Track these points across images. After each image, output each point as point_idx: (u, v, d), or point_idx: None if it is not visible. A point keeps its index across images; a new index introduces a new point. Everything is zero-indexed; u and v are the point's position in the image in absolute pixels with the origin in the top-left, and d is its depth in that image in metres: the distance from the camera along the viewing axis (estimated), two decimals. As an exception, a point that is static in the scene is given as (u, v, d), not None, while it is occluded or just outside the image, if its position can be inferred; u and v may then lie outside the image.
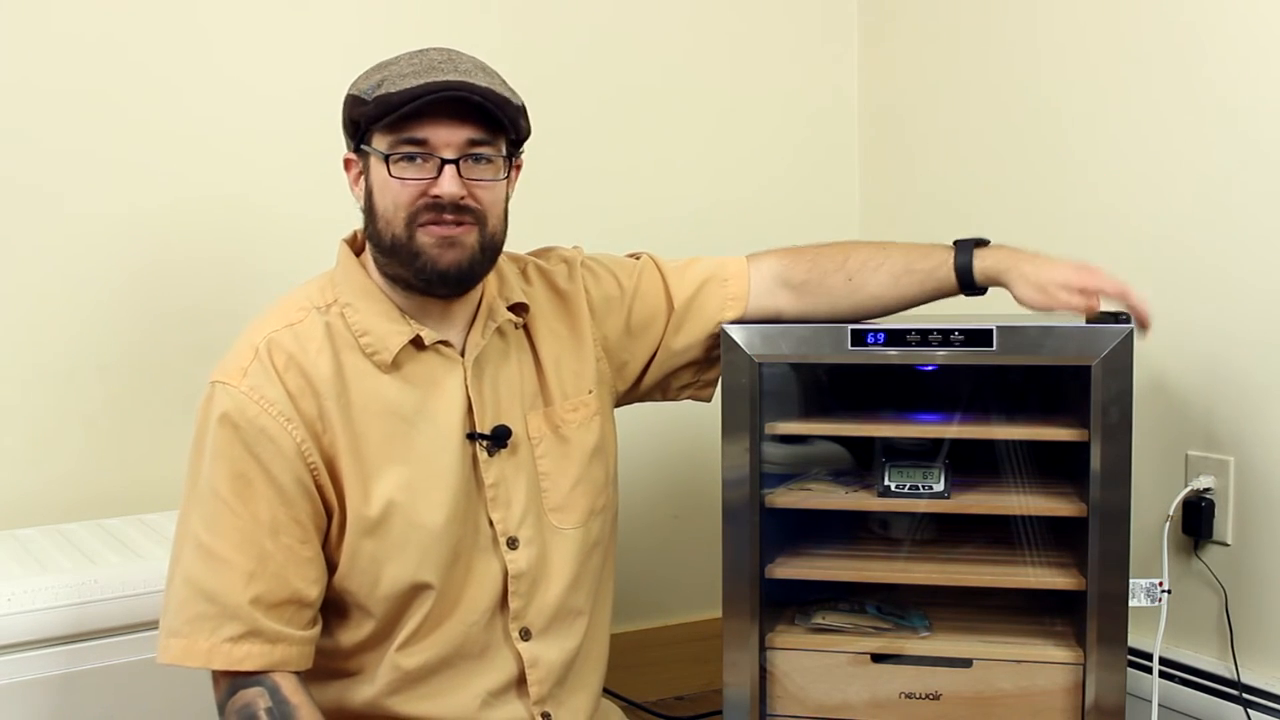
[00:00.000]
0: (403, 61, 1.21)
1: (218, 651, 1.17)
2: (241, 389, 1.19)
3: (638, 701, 2.09)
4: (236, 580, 1.17)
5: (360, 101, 1.20)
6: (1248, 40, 1.66)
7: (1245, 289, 1.68)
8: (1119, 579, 1.39)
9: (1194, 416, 1.75)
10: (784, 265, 1.46)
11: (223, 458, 1.19)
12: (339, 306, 1.25)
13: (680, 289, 1.45)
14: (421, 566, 1.24)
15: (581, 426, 1.36)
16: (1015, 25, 2.06)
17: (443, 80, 1.18)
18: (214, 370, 1.23)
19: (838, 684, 1.52)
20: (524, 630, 1.30)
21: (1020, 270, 1.37)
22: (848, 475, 1.63)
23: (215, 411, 1.19)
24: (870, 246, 1.46)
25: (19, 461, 1.76)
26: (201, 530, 1.19)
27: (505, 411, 1.31)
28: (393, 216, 1.21)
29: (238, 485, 1.18)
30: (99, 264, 1.80)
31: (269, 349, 1.21)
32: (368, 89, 1.20)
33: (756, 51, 2.32)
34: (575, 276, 1.40)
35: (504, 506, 1.29)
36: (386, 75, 1.20)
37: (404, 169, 1.20)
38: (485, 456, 1.28)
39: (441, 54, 1.22)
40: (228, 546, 1.18)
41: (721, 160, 2.29)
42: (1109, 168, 1.88)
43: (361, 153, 1.24)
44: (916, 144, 2.29)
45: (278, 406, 1.19)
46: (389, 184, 1.20)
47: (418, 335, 1.25)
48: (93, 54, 1.78)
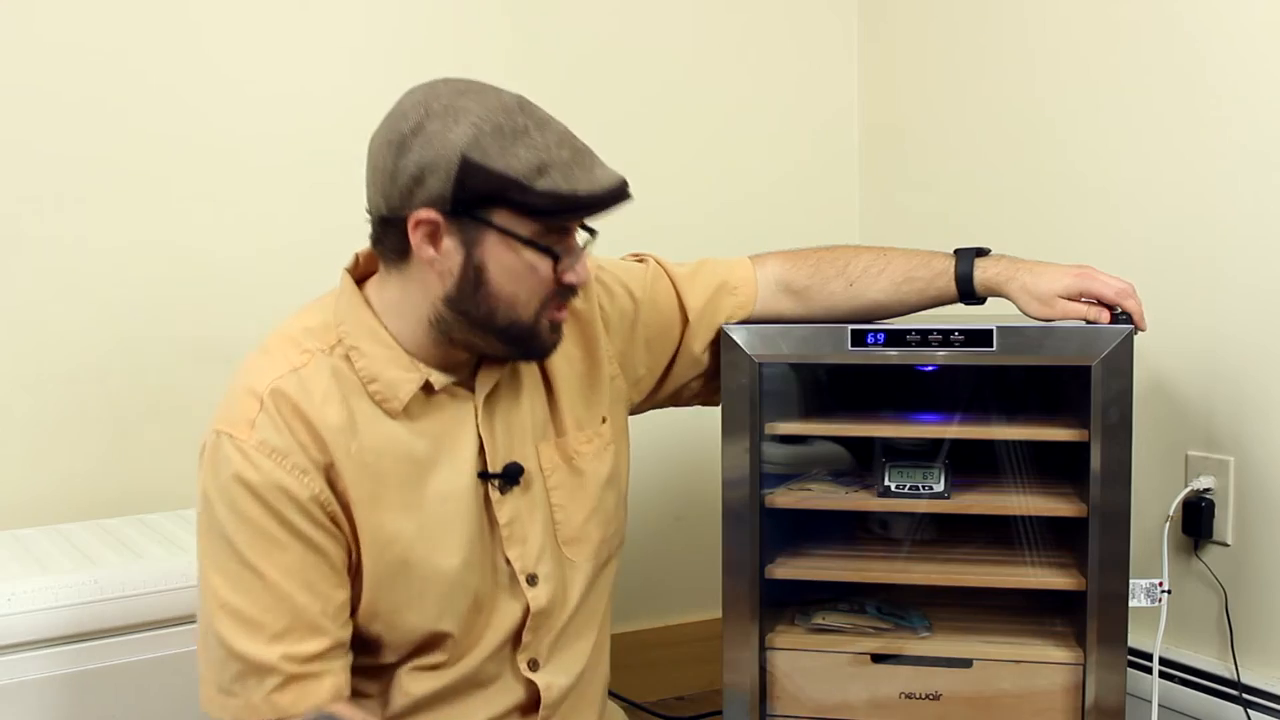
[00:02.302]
0: (536, 133, 1.12)
1: (268, 703, 1.14)
2: (251, 443, 1.14)
3: (638, 701, 2.09)
4: (271, 641, 1.14)
5: (517, 185, 1.10)
6: (1244, 44, 1.66)
7: (1245, 290, 1.68)
8: (1119, 579, 1.39)
9: (1194, 416, 1.75)
10: (787, 270, 1.46)
11: (242, 519, 1.14)
12: (344, 348, 1.19)
13: (692, 298, 1.43)
14: (441, 616, 1.22)
15: (595, 457, 1.33)
16: (1013, 37, 2.06)
17: (618, 183, 1.15)
18: (215, 418, 1.17)
19: (838, 684, 1.52)
20: (532, 661, 1.29)
21: (1021, 281, 1.38)
22: (848, 475, 1.63)
23: (226, 470, 1.14)
24: (871, 252, 1.46)
25: (19, 462, 1.76)
26: (229, 594, 1.15)
27: (517, 447, 1.27)
28: (523, 302, 1.16)
29: (262, 545, 1.14)
30: (99, 264, 1.80)
31: (274, 398, 1.15)
32: (524, 172, 1.10)
33: (757, 62, 2.32)
34: (590, 295, 1.35)
35: (520, 544, 1.26)
36: (547, 160, 1.11)
37: (546, 256, 1.15)
38: (498, 495, 1.25)
39: (566, 131, 1.15)
40: (258, 609, 1.14)
41: (723, 170, 2.30)
42: (1107, 174, 1.88)
43: (473, 221, 1.13)
44: (916, 154, 2.29)
45: (291, 459, 1.14)
46: (528, 271, 1.15)
47: (428, 381, 1.21)
48: (93, 60, 1.78)
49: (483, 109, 1.11)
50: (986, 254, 1.43)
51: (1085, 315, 1.37)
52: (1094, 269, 1.39)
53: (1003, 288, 1.40)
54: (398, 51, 1.99)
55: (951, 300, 1.43)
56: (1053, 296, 1.37)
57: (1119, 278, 1.38)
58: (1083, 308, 1.37)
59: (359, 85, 1.94)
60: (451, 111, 1.11)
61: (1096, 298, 1.37)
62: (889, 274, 1.43)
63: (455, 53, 2.02)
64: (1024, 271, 1.39)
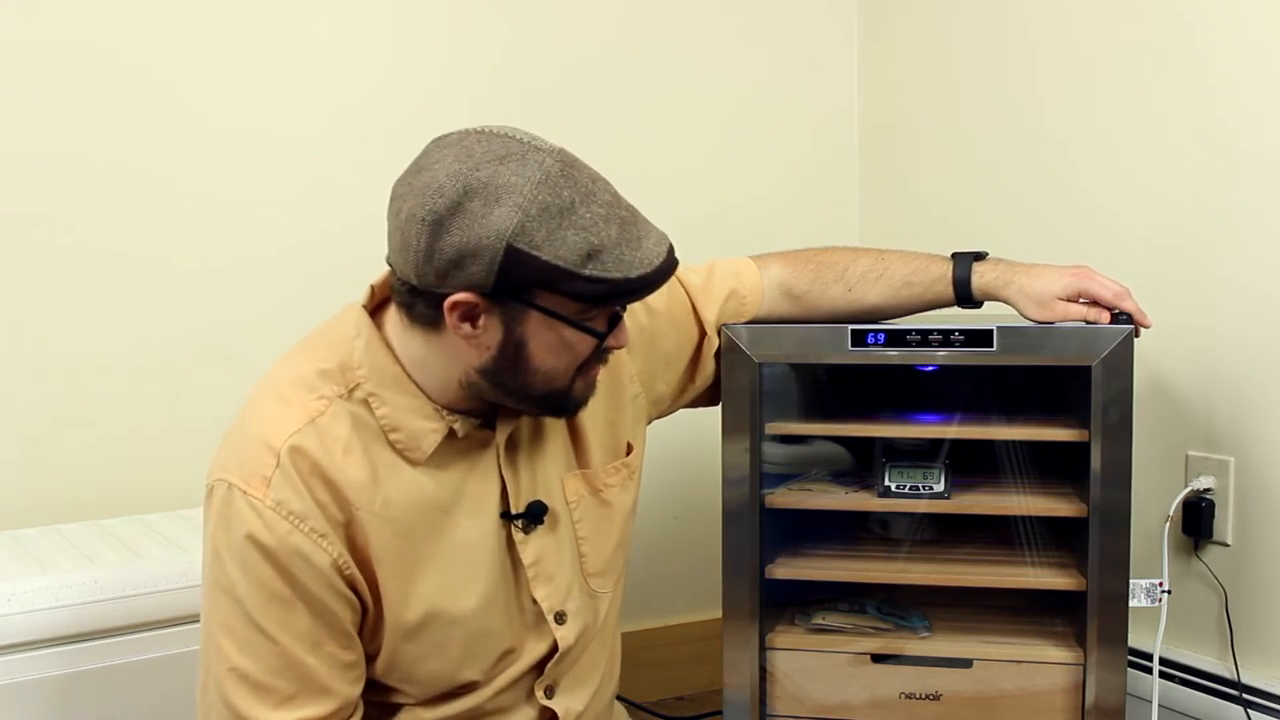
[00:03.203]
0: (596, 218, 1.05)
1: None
2: (267, 504, 1.08)
3: (638, 701, 2.09)
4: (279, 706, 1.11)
5: (569, 275, 1.03)
6: (1244, 44, 1.66)
7: (1245, 290, 1.68)
8: (1119, 579, 1.39)
9: (1194, 416, 1.75)
10: (788, 275, 1.46)
11: (255, 582, 1.09)
12: (363, 393, 1.13)
13: (708, 311, 1.42)
14: (464, 665, 1.20)
15: (622, 489, 1.31)
16: (1013, 37, 2.06)
17: (665, 258, 1.09)
18: (225, 465, 1.12)
19: (838, 684, 1.52)
20: (548, 688, 1.27)
21: (1018, 285, 1.39)
22: (848, 475, 1.63)
23: (239, 529, 1.09)
24: (870, 256, 1.46)
25: (19, 462, 1.76)
26: (238, 657, 1.11)
27: (541, 484, 1.23)
28: (562, 373, 1.12)
29: (273, 609, 1.10)
30: (99, 265, 1.80)
31: (292, 456, 1.09)
32: (573, 260, 1.03)
33: (757, 63, 2.32)
34: None
35: (547, 582, 1.23)
36: (596, 244, 1.04)
37: (590, 336, 1.11)
38: (521, 536, 1.21)
39: (611, 196, 1.08)
40: (267, 674, 1.11)
41: (722, 170, 2.29)
42: (1107, 175, 1.88)
43: (513, 302, 1.06)
44: (916, 154, 2.29)
45: (310, 523, 1.09)
46: (569, 345, 1.10)
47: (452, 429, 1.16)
48: (92, 62, 1.78)
49: (526, 184, 1.03)
50: (984, 257, 1.43)
51: (1084, 316, 1.37)
52: (1091, 270, 1.39)
53: (1000, 292, 1.40)
54: (397, 52, 1.99)
55: (949, 304, 1.44)
56: (1051, 299, 1.37)
57: (1116, 280, 1.38)
58: (1081, 309, 1.37)
59: (359, 87, 1.94)
60: (493, 190, 1.02)
61: (1094, 299, 1.38)
62: (887, 279, 1.43)
63: (455, 55, 2.02)
64: (1021, 275, 1.39)
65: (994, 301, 1.43)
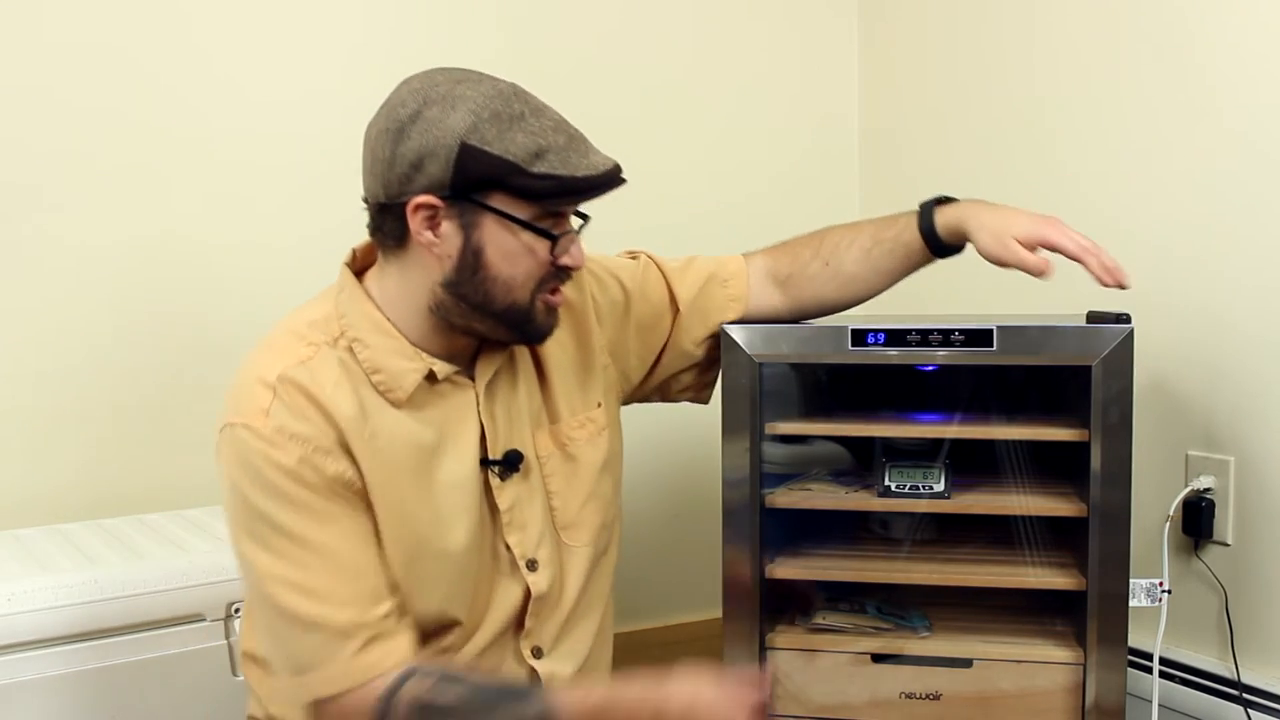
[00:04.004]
0: (531, 119, 1.14)
1: (353, 666, 1.14)
2: (268, 432, 1.14)
3: (638, 701, 2.09)
4: (343, 605, 1.14)
5: (515, 169, 1.12)
6: (1246, 43, 1.66)
7: (1245, 290, 1.68)
8: (1119, 579, 1.39)
9: (1194, 416, 1.75)
10: (771, 262, 1.47)
11: (284, 499, 1.14)
12: (347, 340, 1.20)
13: (683, 290, 1.44)
14: (449, 601, 1.23)
15: (589, 443, 1.34)
16: (1013, 36, 2.06)
17: (613, 167, 1.17)
18: (225, 411, 1.17)
19: (838, 684, 1.52)
20: (535, 649, 1.30)
21: (980, 219, 1.35)
22: (848, 475, 1.63)
23: (254, 457, 1.14)
24: (842, 228, 1.46)
25: (20, 462, 1.76)
26: (290, 572, 1.14)
27: (516, 435, 1.28)
28: (520, 285, 1.17)
29: (307, 520, 1.14)
30: (99, 265, 1.80)
31: (285, 386, 1.15)
32: (521, 156, 1.12)
33: (757, 62, 2.32)
34: (582, 285, 1.37)
35: (520, 530, 1.27)
36: (542, 145, 1.13)
37: (541, 238, 1.16)
38: (498, 482, 1.26)
39: (561, 117, 1.17)
40: (324, 579, 1.14)
41: (722, 167, 2.30)
42: (1107, 173, 1.88)
43: (471, 205, 1.14)
44: (916, 150, 2.29)
45: (313, 443, 1.15)
46: (524, 253, 1.16)
47: (431, 370, 1.22)
48: (90, 58, 1.78)
49: (480, 95, 1.13)
50: (950, 201, 1.41)
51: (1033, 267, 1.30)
52: (1060, 221, 1.34)
53: (962, 224, 1.37)
54: (394, 50, 1.99)
55: (924, 255, 1.40)
56: (1008, 236, 1.32)
57: (1086, 235, 1.32)
58: (1032, 258, 1.31)
59: (356, 83, 1.93)
60: (449, 99, 1.13)
61: (1055, 248, 1.32)
62: (859, 242, 1.43)
63: (452, 50, 1.98)
64: (985, 210, 1.36)
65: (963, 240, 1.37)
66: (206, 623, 1.48)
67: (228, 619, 1.49)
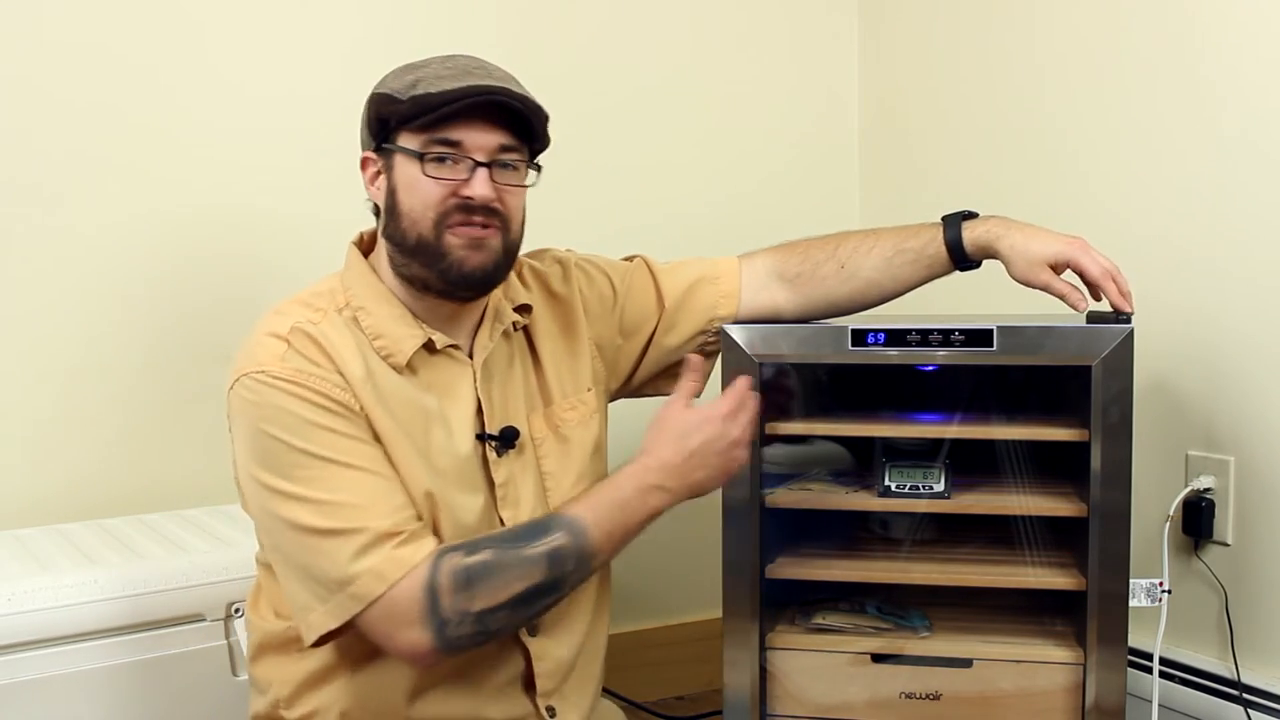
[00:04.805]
0: (435, 65, 1.21)
1: (394, 560, 1.15)
2: (287, 372, 1.17)
3: (638, 701, 2.09)
4: (378, 516, 1.16)
5: (392, 100, 1.20)
6: (1248, 43, 1.66)
7: (1246, 290, 1.68)
8: (1119, 579, 1.39)
9: (1194, 416, 1.75)
10: (777, 260, 1.47)
11: (307, 425, 1.16)
12: (351, 310, 1.25)
13: (671, 288, 1.46)
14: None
15: (580, 425, 1.37)
16: (1014, 25, 2.06)
17: (483, 85, 1.19)
18: (237, 366, 1.20)
19: (838, 684, 1.52)
20: (531, 626, 1.31)
21: (1011, 241, 1.37)
22: (848, 475, 1.63)
23: (272, 397, 1.17)
24: (860, 233, 1.47)
25: (20, 462, 1.76)
26: (324, 493, 1.16)
27: (512, 413, 1.32)
28: (420, 216, 1.21)
29: (336, 441, 1.17)
30: (100, 265, 1.80)
31: (297, 336, 1.20)
32: (400, 88, 1.20)
33: (756, 57, 2.32)
34: (570, 278, 1.41)
35: (513, 505, 1.30)
36: (421, 76, 1.20)
37: (436, 169, 1.20)
38: (494, 457, 1.29)
39: (472, 60, 1.23)
40: (358, 494, 1.16)
41: (721, 160, 2.30)
42: (1108, 169, 1.88)
43: (385, 151, 1.23)
44: (916, 143, 2.29)
45: (329, 380, 1.18)
46: (419, 183, 1.20)
47: (429, 339, 1.25)
48: (95, 59, 1.78)
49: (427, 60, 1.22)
50: (974, 216, 1.42)
51: (1063, 295, 1.35)
52: (1086, 243, 1.36)
53: (993, 245, 1.39)
54: (392, 49, 1.97)
55: (945, 268, 1.42)
56: (1042, 263, 1.35)
57: (1107, 257, 1.36)
58: (1064, 286, 1.35)
59: (354, 81, 1.93)
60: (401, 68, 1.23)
61: (1081, 273, 1.36)
62: (880, 250, 1.43)
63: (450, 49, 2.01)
64: (1016, 231, 1.38)
65: (988, 258, 1.40)
66: (206, 623, 1.48)
67: (228, 619, 1.49)
